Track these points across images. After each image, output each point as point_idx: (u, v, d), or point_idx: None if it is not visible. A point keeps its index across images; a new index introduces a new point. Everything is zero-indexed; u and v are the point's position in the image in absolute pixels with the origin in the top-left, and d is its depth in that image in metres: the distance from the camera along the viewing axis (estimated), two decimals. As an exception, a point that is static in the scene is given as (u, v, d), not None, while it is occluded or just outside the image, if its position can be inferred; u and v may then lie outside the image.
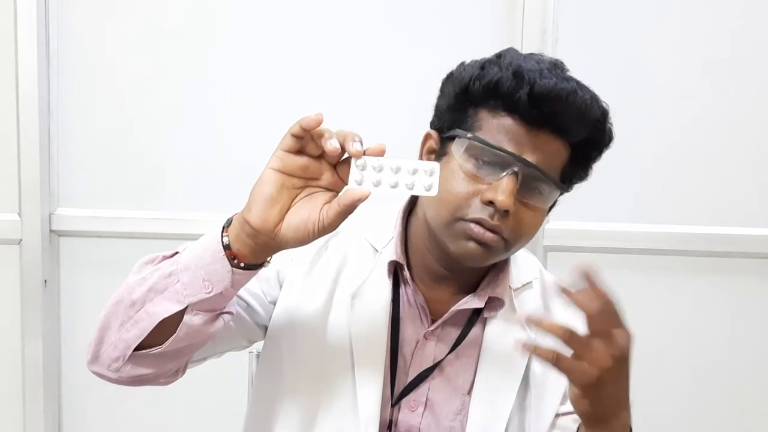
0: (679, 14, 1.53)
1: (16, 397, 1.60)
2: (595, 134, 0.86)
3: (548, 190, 0.85)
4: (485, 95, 0.83)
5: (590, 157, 0.89)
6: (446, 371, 0.90)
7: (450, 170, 0.83)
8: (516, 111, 0.81)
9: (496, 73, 0.82)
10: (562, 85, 0.81)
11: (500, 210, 0.80)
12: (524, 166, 0.81)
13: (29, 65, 1.51)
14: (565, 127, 0.83)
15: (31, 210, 1.54)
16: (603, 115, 0.87)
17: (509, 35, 1.52)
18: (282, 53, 1.55)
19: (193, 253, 0.76)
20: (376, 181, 0.71)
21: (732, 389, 1.59)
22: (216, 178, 1.57)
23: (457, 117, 0.86)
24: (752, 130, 1.54)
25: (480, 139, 0.82)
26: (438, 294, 0.91)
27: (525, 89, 0.80)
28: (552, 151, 0.83)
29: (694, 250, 1.56)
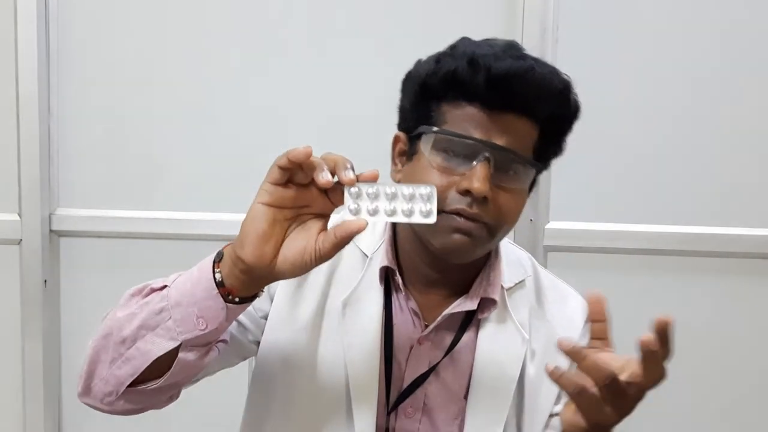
0: (679, 14, 1.52)
1: (16, 397, 1.60)
2: (560, 107, 0.85)
3: (523, 171, 0.84)
4: (444, 87, 0.83)
5: (560, 131, 0.88)
6: (442, 376, 0.89)
7: (422, 167, 0.83)
8: (476, 98, 0.81)
9: (451, 64, 0.82)
10: (518, 65, 0.80)
11: (478, 197, 0.79)
12: (494, 150, 0.80)
13: (29, 65, 1.51)
14: (528, 105, 0.82)
15: (31, 210, 1.54)
16: (565, 87, 0.85)
17: (509, 35, 1.51)
18: (281, 53, 1.55)
19: (183, 289, 0.74)
20: (373, 209, 0.69)
21: (732, 389, 1.59)
22: (216, 178, 1.57)
23: (420, 114, 0.85)
24: (753, 130, 1.54)
25: (446, 131, 0.81)
26: (430, 298, 0.90)
27: (481, 75, 0.79)
28: (520, 131, 0.82)
29: (694, 250, 1.56)
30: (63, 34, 1.55)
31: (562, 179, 1.55)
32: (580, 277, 1.56)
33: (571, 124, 0.88)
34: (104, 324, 0.79)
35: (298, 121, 1.55)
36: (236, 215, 1.63)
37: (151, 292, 0.78)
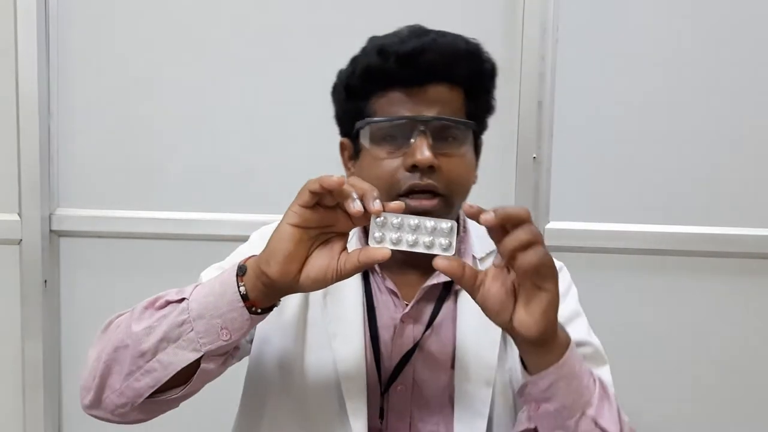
0: (679, 14, 1.52)
1: (16, 397, 1.60)
2: (473, 65, 0.90)
3: (461, 134, 0.88)
4: (364, 83, 0.89)
5: (482, 88, 0.92)
6: (426, 349, 0.91)
7: (368, 161, 0.88)
8: (394, 82, 0.86)
9: (364, 60, 0.89)
10: (421, 41, 0.86)
11: (424, 167, 0.84)
12: (426, 122, 0.85)
13: (29, 65, 1.51)
14: (442, 72, 0.87)
15: (31, 210, 1.54)
16: (474, 47, 0.91)
17: (509, 35, 1.52)
18: (282, 53, 1.55)
19: (205, 302, 0.76)
20: (396, 239, 0.74)
21: (732, 389, 1.59)
22: (216, 178, 1.57)
23: (353, 115, 0.91)
24: (752, 130, 1.54)
25: (377, 119, 0.87)
26: (406, 277, 0.93)
27: (392, 60, 0.86)
28: (444, 98, 0.87)
29: (694, 250, 1.55)
30: (63, 34, 1.55)
31: (562, 179, 1.55)
32: (580, 277, 1.56)
33: (490, 80, 0.93)
34: (115, 336, 0.81)
35: (298, 121, 1.55)
36: (236, 215, 1.65)
37: (167, 305, 0.79)
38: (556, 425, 0.77)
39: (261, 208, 1.55)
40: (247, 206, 1.56)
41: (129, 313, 0.83)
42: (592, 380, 0.79)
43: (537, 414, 0.78)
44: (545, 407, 0.77)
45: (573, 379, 0.76)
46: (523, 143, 1.52)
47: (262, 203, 1.55)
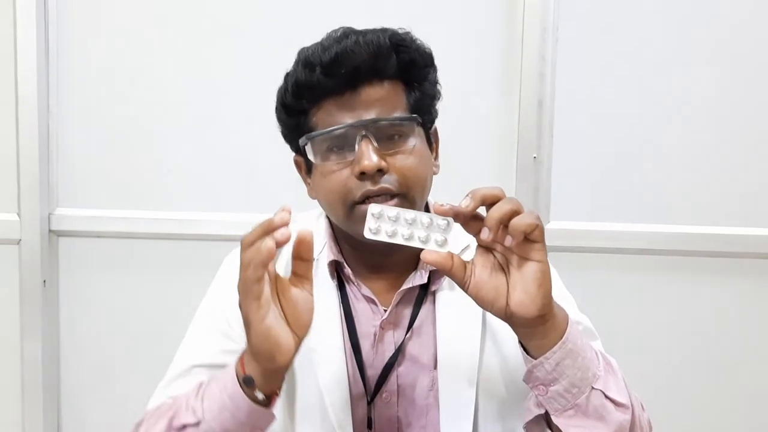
0: (679, 14, 1.52)
1: (15, 397, 1.59)
2: (402, 57, 0.86)
3: (406, 129, 0.86)
4: (298, 98, 0.87)
5: (420, 76, 0.89)
6: (408, 353, 0.91)
7: (321, 175, 0.87)
8: (326, 92, 0.84)
9: (293, 75, 0.88)
10: (343, 44, 0.83)
11: (371, 173, 0.82)
12: (366, 126, 0.83)
13: (28, 65, 1.51)
14: (371, 71, 0.84)
15: (30, 210, 1.54)
16: (400, 39, 0.87)
17: (509, 35, 1.52)
18: (282, 53, 1.54)
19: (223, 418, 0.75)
20: (392, 231, 0.73)
21: (732, 389, 1.59)
22: (215, 178, 1.57)
23: (296, 132, 0.89)
24: (752, 130, 1.54)
25: (316, 133, 0.85)
26: (382, 283, 0.92)
27: (317, 70, 0.84)
28: (380, 97, 0.85)
29: (694, 250, 1.55)
30: (62, 34, 1.55)
31: (563, 179, 1.55)
32: (580, 277, 1.56)
33: (426, 67, 0.89)
34: None
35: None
36: (236, 215, 1.64)
37: (184, 428, 0.77)
38: (568, 405, 0.75)
39: (261, 207, 1.54)
40: (247, 206, 1.56)
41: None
42: (594, 353, 0.78)
43: (546, 397, 0.76)
44: (554, 389, 0.75)
45: (578, 356, 0.74)
46: (523, 143, 1.52)
47: (262, 203, 1.55)
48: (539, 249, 0.70)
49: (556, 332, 0.73)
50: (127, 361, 1.61)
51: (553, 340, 0.73)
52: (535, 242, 0.70)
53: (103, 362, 1.62)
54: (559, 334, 0.73)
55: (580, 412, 0.75)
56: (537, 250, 0.70)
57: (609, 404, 0.76)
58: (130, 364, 1.61)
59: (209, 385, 0.78)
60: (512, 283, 0.71)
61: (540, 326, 0.73)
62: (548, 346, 0.73)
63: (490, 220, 0.70)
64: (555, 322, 0.73)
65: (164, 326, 1.59)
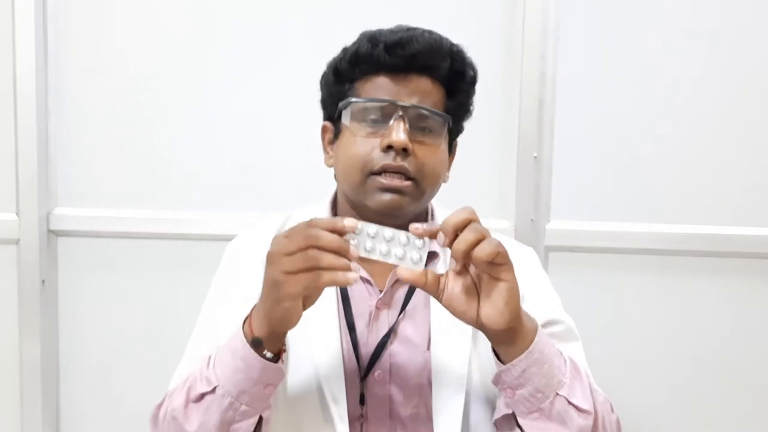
0: (679, 14, 1.52)
1: (14, 397, 1.59)
2: (455, 64, 0.95)
3: (437, 125, 0.93)
4: (352, 67, 0.94)
5: (463, 89, 0.97)
6: (402, 333, 0.94)
7: (347, 140, 0.93)
8: (380, 67, 0.92)
9: (354, 46, 0.95)
10: (410, 32, 0.92)
11: (398, 149, 0.88)
12: (405, 108, 0.90)
13: (27, 64, 1.51)
14: (426, 63, 0.92)
15: (28, 209, 1.54)
16: (458, 49, 0.96)
17: (509, 35, 1.52)
18: (282, 53, 1.55)
19: (237, 379, 0.80)
20: (370, 247, 0.77)
21: (732, 389, 1.59)
22: (215, 178, 1.56)
23: (338, 97, 0.96)
24: (752, 130, 1.54)
25: (360, 99, 0.92)
26: (379, 265, 0.93)
27: (380, 46, 0.91)
28: (425, 90, 0.92)
29: (694, 250, 1.55)
30: (61, 34, 1.55)
31: (563, 179, 1.55)
32: (580, 277, 1.57)
33: (471, 84, 0.98)
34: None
35: (298, 120, 1.55)
36: (235, 214, 1.64)
37: (202, 397, 0.83)
38: (532, 408, 0.81)
39: (261, 207, 1.55)
40: (247, 205, 1.56)
41: (171, 412, 0.85)
42: (563, 361, 0.84)
43: (513, 400, 0.82)
44: (520, 393, 0.81)
45: (544, 363, 0.80)
46: (523, 142, 1.52)
47: (262, 202, 1.55)
48: (505, 270, 0.76)
49: (524, 342, 0.80)
50: (126, 361, 1.61)
51: (520, 349, 0.80)
52: (501, 264, 0.76)
53: (102, 362, 1.61)
54: (527, 344, 0.80)
55: (544, 416, 0.82)
56: (503, 271, 0.76)
57: (572, 410, 0.82)
58: (129, 363, 1.61)
59: (218, 354, 0.83)
60: (482, 299, 0.78)
61: (509, 337, 0.79)
62: (516, 353, 0.80)
63: (456, 252, 0.75)
64: (523, 332, 0.80)
65: (163, 326, 1.59)
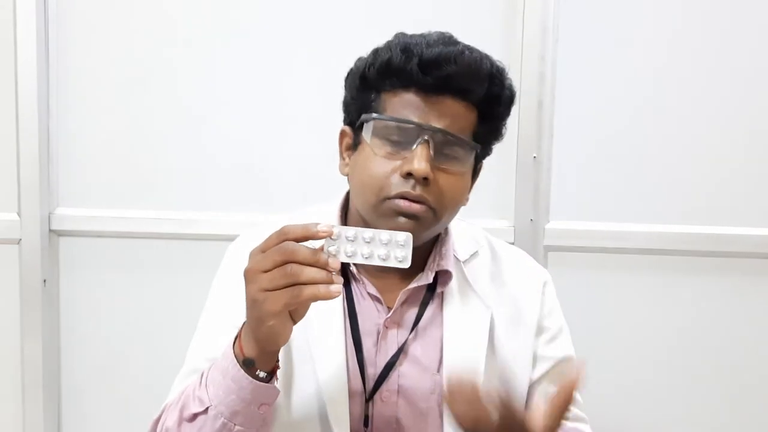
0: (679, 14, 1.52)
1: (16, 397, 1.59)
2: (493, 89, 0.87)
3: (463, 153, 0.87)
4: (381, 76, 0.86)
5: (496, 114, 0.90)
6: (411, 353, 0.91)
7: (366, 156, 0.86)
8: (412, 83, 0.84)
9: (386, 53, 0.86)
10: (448, 49, 0.84)
11: (419, 178, 0.82)
12: (432, 132, 0.83)
13: (29, 64, 1.51)
14: (461, 87, 0.84)
15: (30, 210, 1.54)
16: (498, 70, 0.88)
17: (509, 35, 1.52)
18: (283, 53, 1.55)
19: (230, 401, 0.78)
20: (351, 251, 0.74)
21: (732, 389, 1.59)
22: (215, 178, 1.57)
23: (362, 106, 0.89)
24: (752, 130, 1.54)
25: (384, 117, 0.85)
26: (388, 282, 0.93)
27: (414, 60, 0.83)
28: (457, 114, 0.85)
29: (694, 250, 1.55)
30: (62, 34, 1.55)
31: (562, 179, 1.55)
32: (580, 277, 1.57)
33: (507, 108, 0.91)
34: None
35: (298, 120, 1.55)
36: (236, 214, 1.64)
37: (195, 417, 0.81)
38: None
39: (262, 207, 1.55)
40: (247, 205, 1.56)
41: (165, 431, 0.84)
42: None
43: None
44: None
45: None
46: (523, 143, 1.52)
47: (262, 202, 1.55)
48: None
49: None
50: (127, 360, 1.61)
51: None
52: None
53: (103, 362, 1.62)
54: None
55: None
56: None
57: None
58: (130, 363, 1.61)
59: (210, 373, 0.80)
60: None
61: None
62: None
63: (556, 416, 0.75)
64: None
65: (164, 326, 1.59)
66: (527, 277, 1.01)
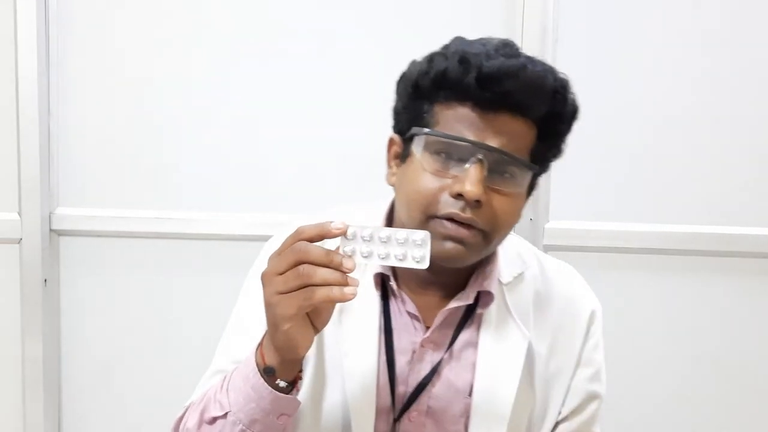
0: (679, 14, 1.52)
1: (16, 396, 1.59)
2: (556, 106, 0.82)
3: (519, 173, 0.82)
4: (435, 88, 0.81)
5: (558, 132, 0.85)
6: (444, 374, 0.88)
7: (414, 170, 0.81)
8: (468, 98, 0.79)
9: (442, 63, 0.80)
10: (509, 63, 0.78)
11: (470, 201, 0.78)
12: (488, 152, 0.78)
13: (29, 64, 1.51)
14: (522, 104, 0.79)
15: (31, 209, 1.54)
16: (561, 86, 0.83)
17: (509, 35, 1.51)
18: (283, 53, 1.55)
19: (249, 409, 0.77)
20: (367, 252, 0.72)
21: (732, 389, 1.59)
22: (216, 177, 1.57)
23: (413, 115, 0.83)
24: (752, 130, 1.54)
25: (437, 133, 0.80)
26: (427, 300, 0.90)
27: (472, 74, 0.77)
28: (515, 131, 0.80)
29: (694, 250, 1.55)
30: (63, 34, 1.55)
31: (562, 179, 1.55)
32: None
33: (569, 124, 0.85)
34: None
35: (299, 120, 1.55)
36: (236, 214, 1.64)
37: (215, 421, 0.80)
38: None
39: (261, 207, 1.55)
40: (248, 205, 1.56)
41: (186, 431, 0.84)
42: None
43: None
44: None
45: None
46: (523, 143, 1.52)
47: (262, 202, 1.55)
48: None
49: None
50: (127, 360, 1.61)
51: None
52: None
53: (104, 361, 1.62)
54: None
55: None
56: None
57: None
58: (130, 362, 1.61)
59: (233, 377, 0.79)
60: None
61: None
62: None
63: None
64: None
65: (165, 325, 1.59)
66: (575, 303, 0.96)
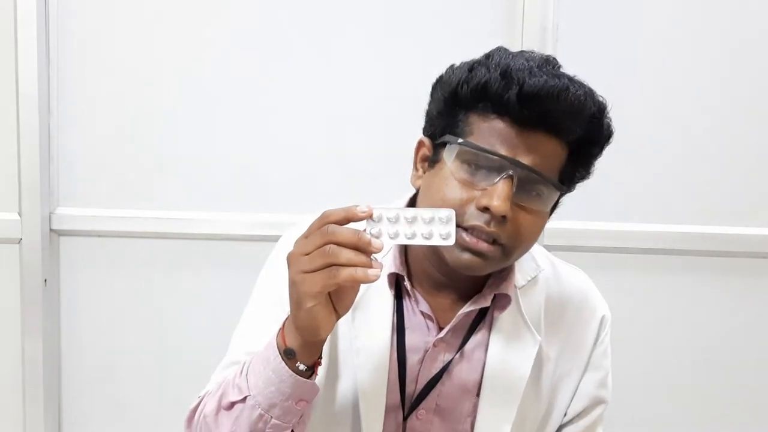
0: (679, 13, 1.53)
1: (17, 395, 1.60)
2: (592, 131, 0.82)
3: (547, 192, 0.82)
4: (474, 98, 0.80)
5: (590, 154, 0.86)
6: (454, 374, 0.89)
7: (443, 177, 0.81)
8: (506, 112, 0.78)
9: (484, 74, 0.79)
10: (552, 83, 0.77)
11: (496, 216, 0.77)
12: (519, 168, 0.78)
13: (29, 64, 1.51)
14: (559, 125, 0.79)
15: (31, 209, 1.54)
16: (599, 110, 0.83)
17: (509, 35, 1.52)
18: (283, 53, 1.55)
19: (269, 392, 0.77)
20: (393, 233, 0.72)
21: (732, 389, 1.59)
22: (216, 177, 1.57)
23: (447, 122, 0.83)
24: (752, 130, 1.54)
25: (471, 144, 0.79)
26: (441, 301, 0.90)
27: (514, 90, 0.77)
28: (548, 151, 0.80)
29: (694, 250, 1.55)
30: (63, 34, 1.55)
31: (562, 179, 1.55)
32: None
33: (601, 148, 0.86)
34: None
35: (299, 119, 1.55)
36: (236, 214, 1.64)
37: (233, 406, 0.80)
38: None
39: (261, 207, 1.55)
40: (248, 205, 1.56)
41: (204, 418, 0.84)
42: None
43: None
44: None
45: None
46: (522, 143, 1.52)
47: (262, 202, 1.55)
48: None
49: None
50: (127, 360, 1.61)
51: None
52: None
53: (103, 361, 1.62)
54: None
55: None
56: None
57: None
58: (130, 362, 1.61)
59: (252, 362, 0.80)
60: None
61: None
62: None
63: None
64: None
65: (165, 325, 1.59)
66: (587, 308, 0.97)
